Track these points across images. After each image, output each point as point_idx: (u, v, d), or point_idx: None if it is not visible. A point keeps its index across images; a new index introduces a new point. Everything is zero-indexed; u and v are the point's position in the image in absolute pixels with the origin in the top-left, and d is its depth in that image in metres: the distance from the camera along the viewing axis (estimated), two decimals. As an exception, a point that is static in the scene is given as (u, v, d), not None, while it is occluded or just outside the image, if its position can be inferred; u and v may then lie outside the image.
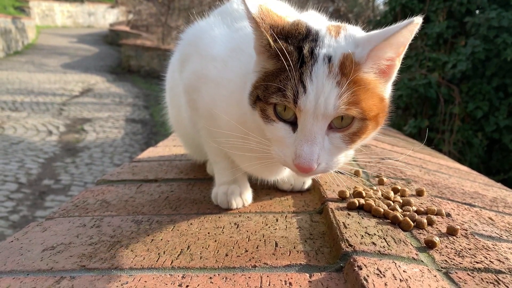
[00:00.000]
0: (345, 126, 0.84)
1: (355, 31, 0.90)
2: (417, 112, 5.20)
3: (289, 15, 1.11)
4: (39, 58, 13.04)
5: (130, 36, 15.17)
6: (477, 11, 4.98)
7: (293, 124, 0.85)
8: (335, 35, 0.86)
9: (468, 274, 0.77)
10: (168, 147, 2.00)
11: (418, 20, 0.80)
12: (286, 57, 0.81)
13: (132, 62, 12.74)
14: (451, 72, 4.65)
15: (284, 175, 1.19)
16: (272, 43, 0.83)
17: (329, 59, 0.81)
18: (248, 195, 1.18)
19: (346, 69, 0.81)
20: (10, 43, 14.05)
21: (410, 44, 0.90)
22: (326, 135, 0.84)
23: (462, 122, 4.80)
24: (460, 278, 0.75)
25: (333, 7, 10.10)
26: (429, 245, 0.88)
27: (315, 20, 1.15)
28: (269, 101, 0.84)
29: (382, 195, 1.14)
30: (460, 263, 0.81)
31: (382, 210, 1.01)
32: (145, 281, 0.77)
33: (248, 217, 1.08)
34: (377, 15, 9.68)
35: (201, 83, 1.08)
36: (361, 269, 0.74)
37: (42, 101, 8.13)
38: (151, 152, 1.89)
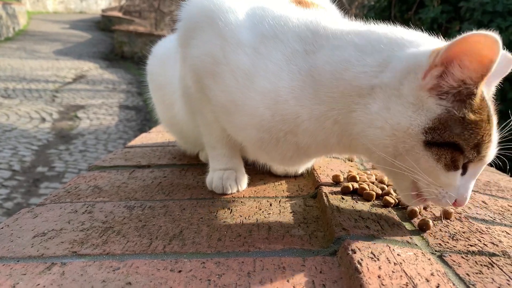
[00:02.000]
0: None
1: None
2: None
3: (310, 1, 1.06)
4: (31, 45, 12.87)
5: (123, 22, 14.98)
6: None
7: (464, 167, 0.82)
8: None
9: (462, 257, 0.77)
10: (161, 133, 1.98)
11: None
12: (489, 111, 0.80)
13: (125, 48, 12.62)
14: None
15: (308, 166, 1.18)
16: (478, 100, 0.78)
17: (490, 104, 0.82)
18: (243, 181, 1.17)
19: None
20: (1, 30, 13.85)
21: None
22: None
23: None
24: (454, 261, 0.75)
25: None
26: (423, 227, 0.87)
27: (327, 5, 1.12)
28: (466, 154, 0.78)
29: (376, 179, 1.14)
30: (454, 246, 0.81)
31: (374, 194, 1.01)
32: (137, 267, 0.76)
33: (241, 202, 1.08)
34: (371, 0, 9.62)
35: (221, 69, 0.96)
36: (355, 252, 0.74)
37: (34, 88, 8.04)
38: (144, 138, 1.88)
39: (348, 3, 9.86)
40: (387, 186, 1.08)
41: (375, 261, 0.71)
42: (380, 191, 1.04)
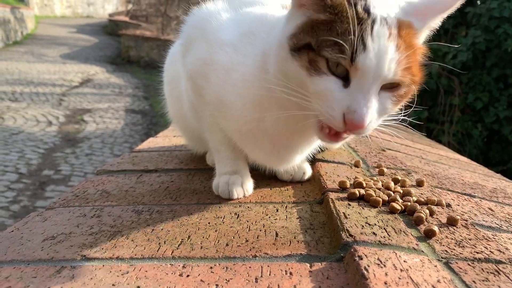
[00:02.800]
0: (395, 87, 0.83)
1: None
2: (417, 103, 5.18)
3: None
4: (38, 49, 12.98)
5: (129, 26, 15.08)
6: (478, 1, 4.96)
7: (344, 79, 0.81)
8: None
9: (469, 264, 0.77)
10: (168, 138, 2.00)
11: None
12: (346, 10, 0.78)
13: (132, 52, 12.69)
14: (452, 62, 4.64)
15: (296, 162, 1.18)
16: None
17: (386, 21, 0.79)
18: (249, 185, 1.18)
19: (404, 34, 0.80)
20: (9, 33, 13.98)
21: None
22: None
23: (462, 113, 4.80)
24: (461, 268, 0.76)
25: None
26: (429, 234, 0.88)
27: None
28: (322, 53, 0.79)
29: (382, 186, 1.14)
30: (461, 253, 0.82)
31: (381, 200, 1.01)
32: (146, 271, 0.77)
33: (248, 207, 1.09)
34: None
35: (209, 69, 1.06)
36: (361, 259, 0.74)
37: (41, 91, 8.11)
38: (151, 143, 1.89)
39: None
40: (394, 192, 1.09)
41: (381, 267, 0.72)
42: (386, 198, 1.04)
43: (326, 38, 0.78)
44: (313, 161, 1.35)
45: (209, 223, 0.99)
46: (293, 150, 1.12)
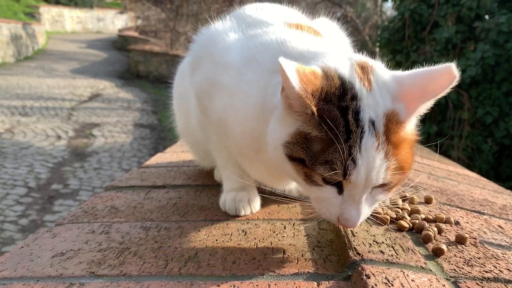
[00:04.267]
0: (385, 184, 0.83)
1: (382, 72, 0.86)
2: (426, 118, 5.18)
3: (302, 23, 1.11)
4: (49, 64, 13.16)
5: (138, 41, 15.27)
6: (487, 16, 4.96)
7: (338, 186, 0.82)
8: (369, 86, 0.82)
9: (477, 283, 0.77)
10: (176, 153, 2.01)
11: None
12: (333, 130, 0.77)
13: (141, 67, 12.82)
14: (461, 77, 4.63)
15: (294, 186, 1.19)
16: (316, 114, 0.77)
17: (373, 124, 0.79)
18: (256, 202, 1.18)
19: (391, 134, 0.80)
20: (20, 49, 14.20)
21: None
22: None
23: (471, 128, 4.77)
24: (469, 287, 0.75)
25: (340, 13, 10.10)
26: (437, 253, 0.87)
27: (327, 27, 1.16)
28: (316, 171, 0.80)
29: (390, 203, 1.14)
30: (469, 272, 0.81)
31: (389, 218, 1.01)
32: (154, 288, 0.77)
33: (256, 224, 1.09)
34: (384, 20, 9.67)
35: (214, 90, 1.07)
36: (369, 278, 0.74)
37: (51, 106, 8.20)
38: (159, 158, 1.90)
39: (362, 24, 9.92)
40: (402, 210, 1.08)
41: (389, 286, 0.71)
42: (394, 215, 1.04)
43: (318, 155, 0.79)
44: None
45: (216, 240, 0.99)
46: (284, 177, 1.11)
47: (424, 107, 0.84)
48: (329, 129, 0.77)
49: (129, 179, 1.52)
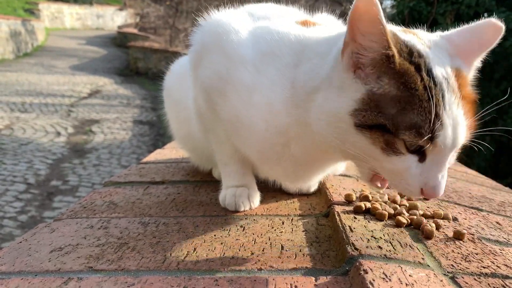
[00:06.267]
0: None
1: (427, 33, 0.86)
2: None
3: (308, 19, 1.10)
4: (48, 60, 13.13)
5: (138, 38, 15.22)
6: (485, 14, 4.96)
7: (419, 153, 0.78)
8: (425, 45, 0.80)
9: (475, 279, 0.77)
10: (175, 149, 2.01)
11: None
12: (416, 86, 0.73)
13: (140, 64, 12.79)
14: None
15: (314, 182, 1.18)
16: (397, 57, 0.74)
17: (448, 83, 0.76)
18: (256, 198, 1.18)
19: (463, 89, 0.78)
20: (20, 45, 14.17)
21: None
22: None
23: (470, 125, 4.77)
24: (467, 283, 0.75)
25: (340, 10, 10.09)
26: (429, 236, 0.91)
27: (331, 23, 1.15)
28: (400, 136, 0.74)
29: (388, 199, 1.14)
30: (467, 267, 0.81)
31: (387, 214, 1.01)
32: (152, 283, 0.77)
33: (254, 219, 1.09)
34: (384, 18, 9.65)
35: (228, 87, 1.00)
36: (366, 273, 0.74)
37: (50, 102, 8.19)
38: (158, 154, 1.90)
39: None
40: (400, 206, 1.09)
41: (387, 281, 0.72)
42: (392, 211, 1.04)
43: (402, 118, 0.74)
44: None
45: (215, 235, 0.99)
46: (316, 172, 1.11)
47: (478, 61, 0.84)
48: (412, 85, 0.73)
49: (128, 175, 1.52)
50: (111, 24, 23.41)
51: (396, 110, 0.74)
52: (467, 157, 4.62)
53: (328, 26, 1.06)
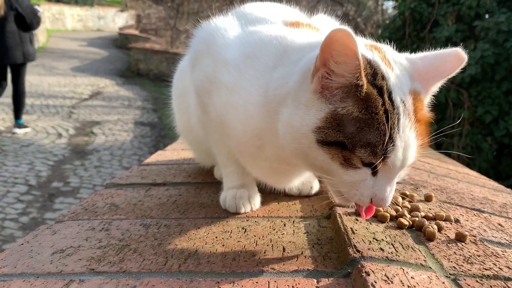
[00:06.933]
0: None
1: (394, 53, 0.90)
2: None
3: (300, 20, 1.11)
4: (50, 62, 13.14)
5: (139, 39, 15.23)
6: (487, 15, 4.96)
7: (371, 167, 0.81)
8: (390, 66, 0.83)
9: (477, 281, 0.77)
10: (176, 151, 2.01)
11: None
12: (377, 110, 0.77)
13: (141, 65, 12.80)
14: (460, 76, 4.63)
15: (295, 184, 1.19)
16: (366, 86, 0.77)
17: (404, 103, 0.80)
18: (256, 199, 1.19)
19: (418, 112, 0.82)
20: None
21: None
22: None
23: (471, 127, 4.77)
24: (469, 285, 0.75)
25: (341, 11, 10.08)
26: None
27: (327, 24, 1.16)
28: (356, 153, 0.78)
29: (390, 201, 1.14)
30: (469, 269, 0.81)
31: (388, 216, 1.01)
32: (153, 285, 0.77)
33: (255, 221, 1.09)
34: (386, 19, 9.66)
35: (213, 87, 1.06)
36: (368, 275, 0.74)
37: (52, 104, 8.20)
38: (159, 156, 1.90)
39: (363, 22, 9.90)
40: (402, 208, 1.08)
41: (388, 283, 0.72)
42: (394, 213, 1.04)
43: (359, 137, 0.77)
44: (320, 175, 1.35)
45: (216, 237, 0.99)
46: (292, 175, 1.13)
47: (436, 87, 0.88)
48: (373, 109, 0.77)
49: (129, 177, 1.52)
50: (112, 25, 23.43)
51: (355, 129, 0.78)
52: (469, 158, 4.62)
53: (321, 28, 1.09)
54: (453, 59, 0.86)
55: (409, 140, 0.80)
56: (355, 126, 0.78)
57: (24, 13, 5.62)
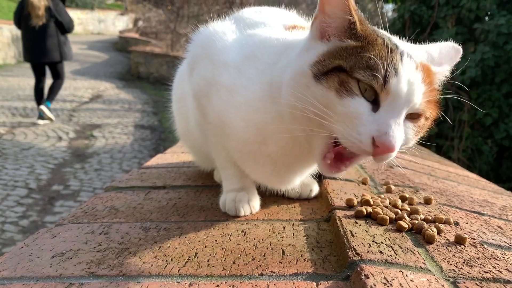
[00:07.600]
0: (416, 118, 0.87)
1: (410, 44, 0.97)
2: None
3: (298, 24, 1.13)
4: (50, 65, 13.14)
5: (139, 43, 15.26)
6: (486, 18, 4.96)
7: (373, 103, 0.81)
8: (405, 43, 0.93)
9: (476, 284, 0.77)
10: (176, 154, 2.01)
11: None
12: (376, 38, 0.84)
13: (141, 68, 12.81)
14: (460, 78, 4.63)
15: (296, 184, 1.19)
16: (359, 25, 0.85)
17: (411, 57, 0.84)
18: (256, 202, 1.19)
19: (427, 73, 0.85)
20: (21, 50, 14.20)
21: None
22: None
23: (471, 129, 4.77)
24: (468, 287, 0.75)
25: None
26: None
27: None
28: (355, 75, 0.80)
29: (389, 203, 1.14)
30: (468, 272, 0.81)
31: (388, 218, 1.01)
32: (153, 288, 0.77)
33: (255, 224, 1.09)
34: (385, 22, 9.67)
35: (212, 89, 1.08)
36: (368, 278, 0.74)
37: (52, 107, 8.19)
38: (159, 159, 1.90)
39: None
40: (401, 210, 1.08)
41: (388, 286, 0.71)
42: (393, 216, 1.04)
43: (358, 60, 0.81)
44: (320, 178, 1.35)
45: (216, 240, 0.99)
46: (294, 172, 1.13)
47: (447, 71, 0.95)
48: (372, 40, 0.84)
49: (129, 180, 1.52)
50: (113, 28, 23.47)
51: (354, 55, 0.82)
52: (469, 161, 4.62)
53: None
54: (452, 49, 0.96)
55: (415, 77, 0.82)
56: (355, 52, 0.83)
57: (63, 20, 6.86)
